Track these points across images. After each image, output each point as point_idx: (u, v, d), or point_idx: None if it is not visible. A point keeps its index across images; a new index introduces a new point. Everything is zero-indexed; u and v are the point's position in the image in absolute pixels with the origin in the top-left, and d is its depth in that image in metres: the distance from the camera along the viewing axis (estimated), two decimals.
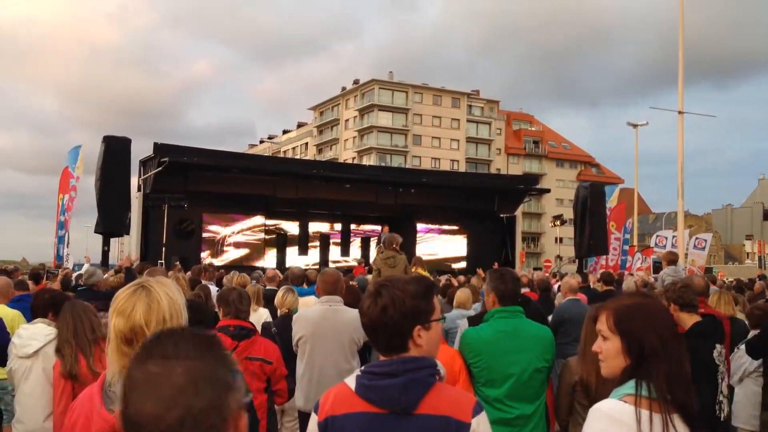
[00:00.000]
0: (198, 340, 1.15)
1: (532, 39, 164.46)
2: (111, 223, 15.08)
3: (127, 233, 16.42)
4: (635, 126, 33.05)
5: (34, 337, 4.33)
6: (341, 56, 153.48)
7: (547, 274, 16.63)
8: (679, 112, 21.33)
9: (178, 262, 13.24)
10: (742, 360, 5.71)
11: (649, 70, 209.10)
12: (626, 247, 27.17)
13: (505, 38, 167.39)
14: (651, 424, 1.85)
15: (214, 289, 8.28)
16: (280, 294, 6.20)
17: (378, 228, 24.80)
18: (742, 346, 5.76)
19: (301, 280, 8.52)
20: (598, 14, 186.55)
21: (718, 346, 4.38)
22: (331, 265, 20.99)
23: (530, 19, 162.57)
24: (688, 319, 4.40)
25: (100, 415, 1.84)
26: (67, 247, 18.01)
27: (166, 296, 1.95)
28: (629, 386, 1.96)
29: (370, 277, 10.53)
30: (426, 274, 10.66)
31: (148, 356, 1.12)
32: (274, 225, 23.94)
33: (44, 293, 4.81)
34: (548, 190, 31.77)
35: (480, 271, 12.22)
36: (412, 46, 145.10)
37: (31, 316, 4.61)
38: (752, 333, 5.93)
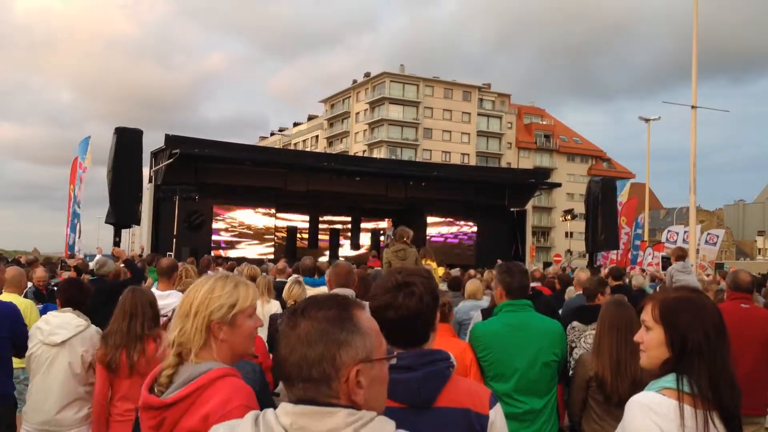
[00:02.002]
0: (328, 305, 1.41)
1: (547, 33, 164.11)
2: (122, 214, 15.15)
3: (138, 224, 16.48)
4: (647, 120, 32.83)
5: (63, 326, 4.30)
6: (358, 49, 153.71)
7: (558, 267, 16.57)
8: (692, 107, 21.18)
9: (192, 257, 13.32)
10: None
11: (665, 64, 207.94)
12: (638, 243, 27.05)
13: (520, 32, 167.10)
14: (696, 420, 1.83)
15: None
16: (287, 286, 6.19)
17: (388, 221, 24.83)
18: None
19: (312, 271, 8.52)
20: (615, 9, 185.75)
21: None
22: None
23: (547, 13, 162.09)
24: None
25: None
26: (79, 237, 18.10)
27: (201, 293, 2.03)
28: (668, 380, 1.93)
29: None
30: (435, 265, 10.66)
31: (290, 314, 1.42)
32: (285, 220, 24.00)
33: (68, 283, 4.79)
34: (559, 185, 31.51)
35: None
36: (428, 39, 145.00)
37: (58, 304, 4.59)
38: None
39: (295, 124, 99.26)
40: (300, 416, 1.34)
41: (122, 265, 8.33)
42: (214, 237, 21.31)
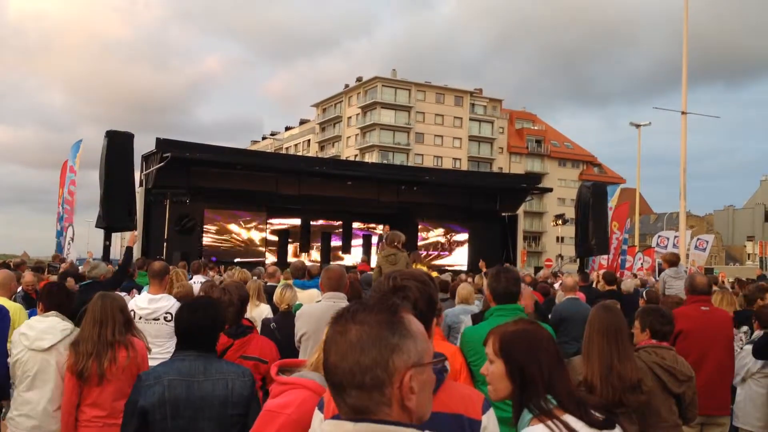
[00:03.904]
0: (378, 308, 1.38)
1: (541, 39, 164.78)
2: (113, 218, 15.05)
3: (133, 228, 16.41)
4: (638, 126, 33.00)
5: (49, 331, 4.27)
6: (354, 54, 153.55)
7: (548, 271, 16.60)
8: (682, 113, 21.31)
9: (184, 260, 13.28)
10: (745, 360, 5.70)
11: (659, 70, 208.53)
12: (625, 247, 27.15)
13: (513, 38, 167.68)
14: (558, 429, 1.95)
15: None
16: (278, 290, 6.19)
17: (379, 226, 24.80)
18: (747, 347, 5.75)
19: (301, 273, 8.50)
20: (610, 15, 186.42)
21: None
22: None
23: (541, 19, 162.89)
24: None
25: None
26: (72, 241, 18.00)
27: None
28: (527, 413, 2.05)
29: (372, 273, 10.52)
30: (425, 269, 10.66)
31: (337, 320, 1.39)
32: (277, 223, 23.98)
33: (53, 287, 4.76)
34: (550, 190, 31.60)
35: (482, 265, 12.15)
36: (424, 44, 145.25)
37: (40, 308, 4.55)
38: (757, 333, 5.92)
39: (287, 128, 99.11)
40: None
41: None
42: (205, 241, 21.23)
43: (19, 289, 7.74)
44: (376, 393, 1.30)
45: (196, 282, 8.34)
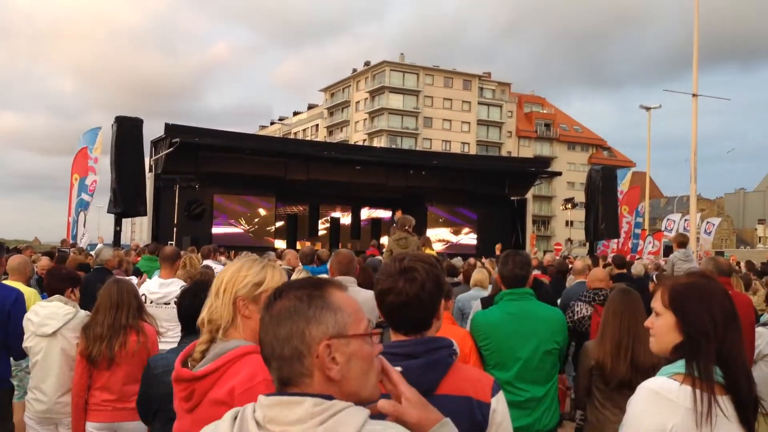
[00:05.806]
0: (301, 285, 1.42)
1: (551, 22, 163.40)
2: (124, 204, 15.13)
3: (144, 214, 16.46)
4: (648, 109, 32.75)
5: (52, 316, 4.30)
6: (363, 38, 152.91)
7: (557, 257, 16.57)
8: (693, 95, 21.14)
9: (194, 245, 13.32)
10: (756, 342, 5.68)
11: (671, 53, 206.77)
12: (638, 231, 27.04)
13: (523, 21, 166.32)
14: (701, 404, 1.85)
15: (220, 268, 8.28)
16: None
17: (389, 210, 24.84)
18: (759, 329, 5.72)
19: (310, 258, 8.52)
20: None
21: None
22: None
23: (551, 2, 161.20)
24: None
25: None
26: (84, 227, 18.09)
27: (230, 272, 2.20)
28: (679, 365, 1.95)
29: (380, 257, 10.53)
30: (434, 254, 10.67)
31: (268, 298, 1.44)
32: (286, 208, 24.03)
33: (60, 270, 4.81)
34: (559, 173, 31.40)
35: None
36: (432, 28, 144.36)
37: (47, 292, 4.60)
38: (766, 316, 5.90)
39: (295, 113, 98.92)
40: (270, 408, 1.32)
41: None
42: (215, 225, 21.29)
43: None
44: (296, 364, 1.33)
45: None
